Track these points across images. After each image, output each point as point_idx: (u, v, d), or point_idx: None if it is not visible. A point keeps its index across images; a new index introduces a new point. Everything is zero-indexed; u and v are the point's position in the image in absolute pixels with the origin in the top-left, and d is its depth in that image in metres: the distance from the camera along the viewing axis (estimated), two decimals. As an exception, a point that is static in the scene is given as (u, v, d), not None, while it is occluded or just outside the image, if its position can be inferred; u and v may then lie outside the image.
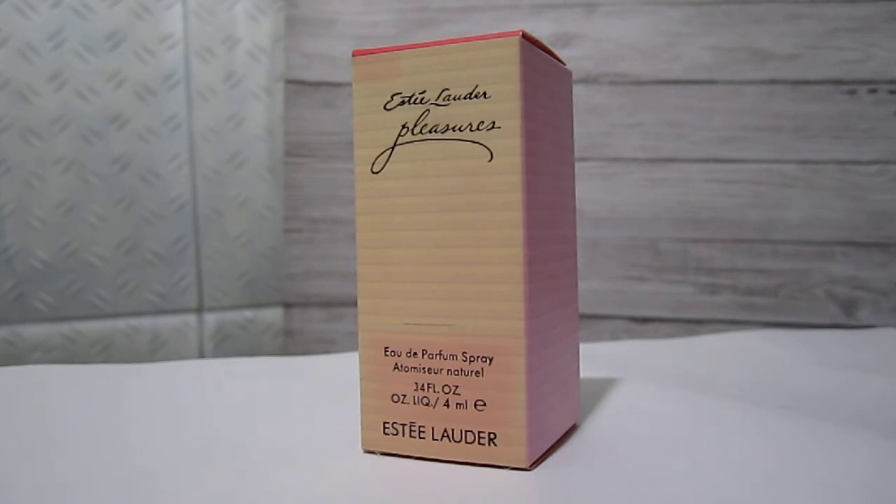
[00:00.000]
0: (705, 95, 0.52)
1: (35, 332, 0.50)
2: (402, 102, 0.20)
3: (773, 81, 0.51)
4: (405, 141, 0.20)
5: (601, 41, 0.52)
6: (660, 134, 0.51)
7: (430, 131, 0.19)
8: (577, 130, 0.52)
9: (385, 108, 0.20)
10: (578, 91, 0.51)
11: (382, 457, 0.20)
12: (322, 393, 0.28)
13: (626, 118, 0.52)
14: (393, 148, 0.20)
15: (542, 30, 0.53)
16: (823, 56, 0.51)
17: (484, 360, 0.19)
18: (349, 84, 0.54)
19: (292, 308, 0.54)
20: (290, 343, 0.54)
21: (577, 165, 0.52)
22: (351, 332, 0.54)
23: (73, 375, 0.30)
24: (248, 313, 0.56)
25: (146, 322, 0.53)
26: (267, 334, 0.56)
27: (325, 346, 0.54)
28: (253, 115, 0.55)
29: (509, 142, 0.19)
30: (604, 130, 0.52)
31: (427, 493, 0.18)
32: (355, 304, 0.54)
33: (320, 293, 0.54)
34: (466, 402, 0.19)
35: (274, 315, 0.57)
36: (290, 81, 0.54)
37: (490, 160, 0.19)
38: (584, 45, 0.52)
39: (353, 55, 0.20)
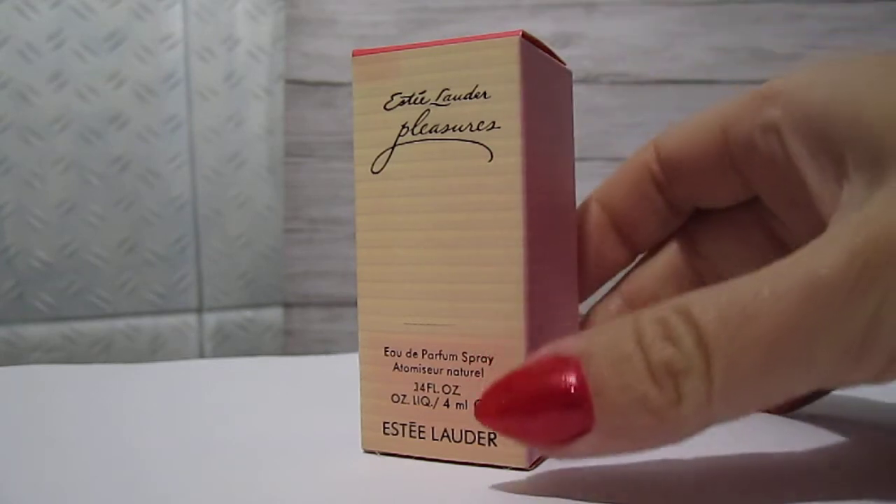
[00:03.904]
0: (705, 95, 0.52)
1: (35, 332, 0.50)
2: (402, 102, 0.20)
3: (773, 81, 0.51)
4: (405, 141, 0.20)
5: (601, 41, 0.52)
6: (660, 134, 0.51)
7: (430, 131, 0.19)
8: (577, 130, 0.52)
9: (385, 107, 0.20)
10: (578, 91, 0.51)
11: (382, 457, 0.20)
12: (322, 393, 0.28)
13: (626, 118, 0.52)
14: (393, 148, 0.20)
15: (542, 30, 0.53)
16: (823, 56, 0.51)
17: (484, 360, 0.19)
18: (349, 84, 0.54)
19: (292, 308, 0.54)
20: (290, 343, 0.54)
21: (578, 165, 0.52)
22: (351, 332, 0.54)
23: (73, 375, 0.30)
24: (248, 313, 0.56)
25: (146, 322, 0.53)
26: (267, 334, 0.56)
27: (325, 346, 0.54)
28: (253, 115, 0.55)
29: (509, 142, 0.19)
30: (604, 130, 0.52)
31: (427, 493, 0.18)
32: (355, 304, 0.54)
33: (320, 293, 0.54)
34: (466, 402, 0.19)
35: (274, 315, 0.57)
36: (290, 81, 0.54)
37: (490, 160, 0.19)
38: (584, 45, 0.52)
39: (353, 55, 0.20)
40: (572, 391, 0.15)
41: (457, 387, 0.19)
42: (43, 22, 0.50)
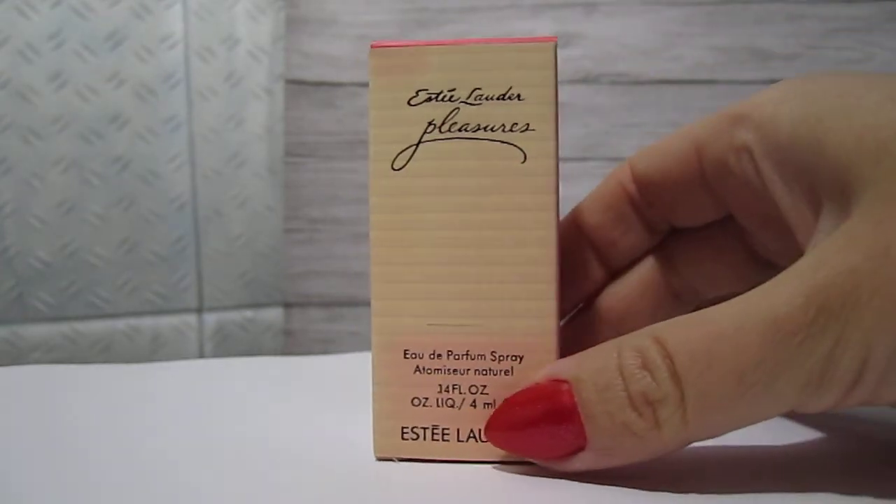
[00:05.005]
0: (705, 95, 0.52)
1: (35, 332, 0.50)
2: (429, 99, 0.19)
3: (773, 81, 0.51)
4: (431, 138, 0.19)
5: (601, 41, 0.52)
6: (660, 134, 0.51)
7: (459, 129, 0.19)
8: (578, 130, 0.52)
9: (409, 103, 0.19)
10: (579, 91, 0.51)
11: (393, 458, 0.20)
12: (322, 393, 0.28)
13: (626, 118, 0.52)
14: (417, 145, 0.19)
15: (542, 30, 0.53)
16: (823, 56, 0.51)
17: (514, 358, 0.19)
18: (349, 84, 0.54)
19: (292, 308, 0.54)
20: (290, 343, 0.54)
21: (577, 165, 0.52)
22: (351, 332, 0.54)
23: (73, 375, 0.30)
24: (248, 313, 0.56)
25: (146, 322, 0.53)
26: (267, 334, 0.56)
27: (325, 346, 0.54)
28: (253, 115, 0.55)
29: (543, 144, 0.19)
30: (604, 130, 0.52)
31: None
32: (356, 305, 0.54)
33: (320, 293, 0.54)
34: (495, 400, 0.19)
35: (274, 315, 0.57)
36: (290, 81, 0.54)
37: (524, 161, 0.19)
38: (584, 45, 0.52)
39: (372, 48, 0.20)
40: (567, 415, 0.17)
41: (484, 386, 0.19)
42: (43, 22, 0.50)
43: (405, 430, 0.20)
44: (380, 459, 0.20)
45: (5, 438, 0.22)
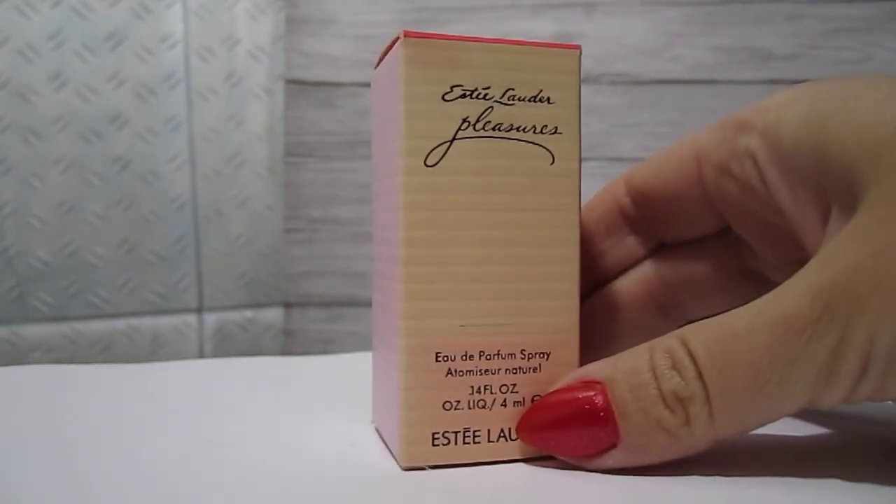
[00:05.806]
0: (705, 95, 0.52)
1: (35, 332, 0.50)
2: (464, 95, 0.19)
3: (773, 81, 0.51)
4: (466, 136, 0.19)
5: (601, 41, 0.52)
6: (660, 134, 0.51)
7: (493, 129, 0.19)
8: (578, 130, 0.52)
9: (443, 98, 0.19)
10: (578, 91, 0.51)
11: (424, 466, 0.19)
12: (323, 393, 0.28)
13: (626, 118, 0.52)
14: (452, 141, 0.19)
15: (542, 30, 0.53)
16: (823, 56, 0.51)
17: (542, 355, 0.20)
18: (349, 84, 0.54)
19: (292, 308, 0.54)
20: (290, 343, 0.54)
21: (578, 165, 0.52)
22: (351, 332, 0.54)
23: (74, 375, 0.30)
24: (248, 313, 0.56)
25: (146, 322, 0.53)
26: (267, 334, 0.56)
27: (324, 346, 0.54)
28: (253, 115, 0.55)
29: (569, 147, 0.19)
30: (604, 130, 0.52)
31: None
32: (355, 305, 0.54)
33: (320, 293, 0.54)
34: (524, 398, 0.19)
35: (274, 315, 0.57)
36: (290, 81, 0.54)
37: (552, 163, 0.19)
38: (584, 45, 0.52)
39: (405, 36, 0.19)
40: (601, 413, 0.18)
41: (514, 385, 0.19)
42: (43, 22, 0.50)
43: (436, 436, 0.19)
44: (407, 469, 0.19)
45: (5, 438, 0.22)
